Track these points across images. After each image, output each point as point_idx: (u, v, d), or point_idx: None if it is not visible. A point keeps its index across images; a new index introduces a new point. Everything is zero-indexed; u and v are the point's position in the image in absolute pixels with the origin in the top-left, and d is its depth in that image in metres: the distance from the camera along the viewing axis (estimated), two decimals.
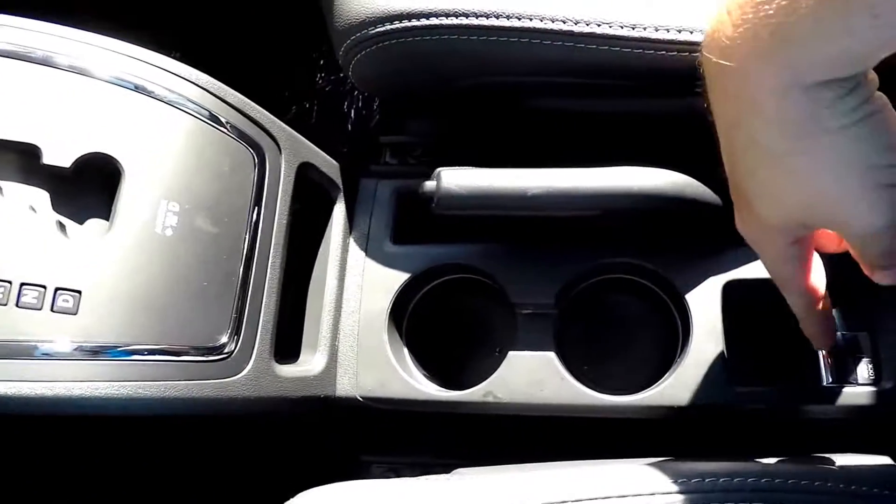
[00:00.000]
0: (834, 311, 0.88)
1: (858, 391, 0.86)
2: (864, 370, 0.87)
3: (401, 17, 0.86)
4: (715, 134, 0.59)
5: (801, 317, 0.72)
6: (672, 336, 0.95)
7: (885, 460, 0.80)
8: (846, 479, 0.64)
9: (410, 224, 1.01)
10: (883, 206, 0.54)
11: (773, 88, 0.50)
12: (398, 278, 0.96)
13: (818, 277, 0.70)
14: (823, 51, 0.47)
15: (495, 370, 0.91)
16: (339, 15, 0.91)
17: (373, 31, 0.88)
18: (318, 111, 1.53)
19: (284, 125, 0.89)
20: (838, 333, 0.88)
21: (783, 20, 0.47)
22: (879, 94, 0.52)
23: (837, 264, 0.78)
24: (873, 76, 0.52)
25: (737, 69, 0.52)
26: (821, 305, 0.71)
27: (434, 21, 0.86)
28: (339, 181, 0.98)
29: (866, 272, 0.62)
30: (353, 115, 1.50)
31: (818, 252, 0.71)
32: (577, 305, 0.98)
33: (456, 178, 0.87)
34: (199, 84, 0.82)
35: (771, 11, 0.47)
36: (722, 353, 0.88)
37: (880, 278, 0.60)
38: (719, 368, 0.87)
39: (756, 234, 0.64)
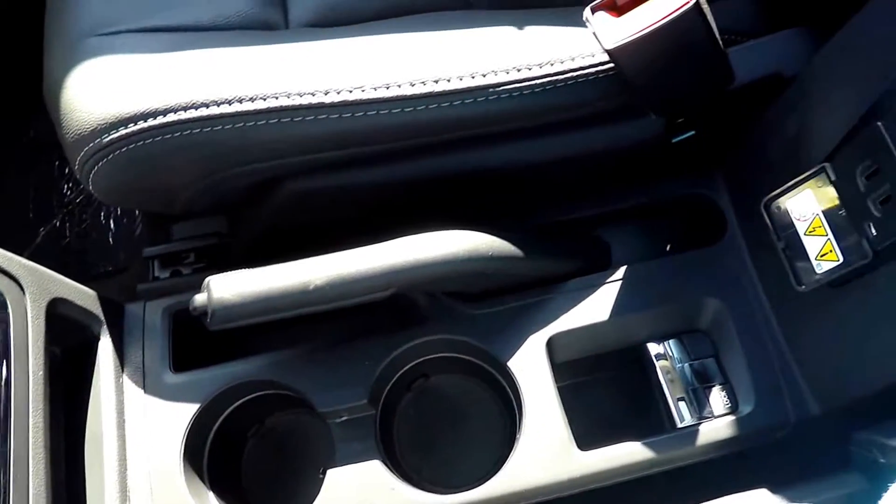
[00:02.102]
0: (673, 341, 0.89)
1: (718, 424, 0.85)
2: (718, 400, 0.87)
3: (134, 118, 0.83)
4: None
5: None
6: (507, 409, 0.93)
7: (761, 496, 0.79)
8: None
9: (191, 345, 0.95)
10: None
11: None
12: (187, 412, 0.90)
13: None
14: None
15: (317, 495, 0.86)
16: (67, 126, 0.86)
17: (107, 139, 0.83)
18: (70, 228, 1.45)
19: (24, 260, 0.83)
20: (685, 366, 0.88)
21: None
22: None
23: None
24: None
25: None
26: None
27: (172, 117, 0.83)
28: (99, 312, 0.91)
29: None
30: (112, 225, 1.43)
31: None
32: (398, 399, 0.95)
33: (228, 286, 0.80)
34: None
35: None
36: (560, 417, 0.86)
37: None
38: (561, 436, 0.85)
39: None
